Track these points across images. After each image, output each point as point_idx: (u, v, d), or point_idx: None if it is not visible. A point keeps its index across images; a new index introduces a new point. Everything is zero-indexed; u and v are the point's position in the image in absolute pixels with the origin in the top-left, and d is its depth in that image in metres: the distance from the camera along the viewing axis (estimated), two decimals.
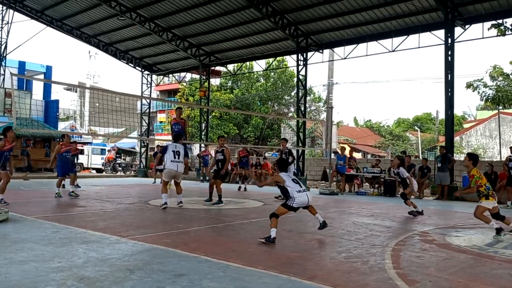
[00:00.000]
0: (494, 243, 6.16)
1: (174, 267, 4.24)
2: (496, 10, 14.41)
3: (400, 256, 5.13)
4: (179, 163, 9.20)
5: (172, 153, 9.20)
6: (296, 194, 5.82)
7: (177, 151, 9.25)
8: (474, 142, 34.85)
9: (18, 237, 5.54)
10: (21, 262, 4.29)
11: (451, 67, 14.50)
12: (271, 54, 21.82)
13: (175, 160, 9.16)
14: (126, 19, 20.25)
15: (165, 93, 44.19)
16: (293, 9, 17.28)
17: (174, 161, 9.16)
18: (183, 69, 26.10)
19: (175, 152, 9.22)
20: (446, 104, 14.60)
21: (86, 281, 3.72)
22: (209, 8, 18.39)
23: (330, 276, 4.17)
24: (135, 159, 32.31)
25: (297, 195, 5.82)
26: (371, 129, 49.43)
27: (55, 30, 23.52)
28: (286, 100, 40.01)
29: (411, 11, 15.65)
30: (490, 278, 4.26)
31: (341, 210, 10.18)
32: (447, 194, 13.70)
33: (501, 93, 18.17)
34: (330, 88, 27.95)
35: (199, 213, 8.74)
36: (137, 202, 10.57)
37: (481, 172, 7.11)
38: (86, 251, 4.87)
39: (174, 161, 9.16)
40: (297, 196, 5.81)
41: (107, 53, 25.15)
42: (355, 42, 18.13)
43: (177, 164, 9.17)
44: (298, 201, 5.82)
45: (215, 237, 6.13)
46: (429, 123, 51.99)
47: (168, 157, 9.22)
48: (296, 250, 5.41)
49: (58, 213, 8.09)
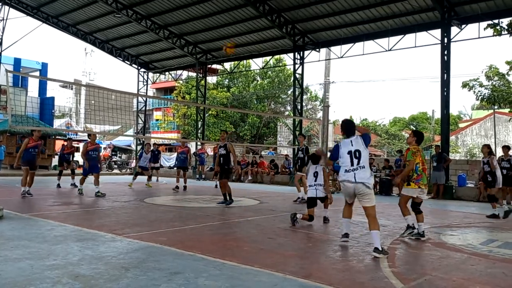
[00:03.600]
0: (488, 242, 6.19)
1: (169, 265, 4.24)
2: (492, 10, 14.45)
3: (395, 254, 5.15)
4: (357, 171, 9.06)
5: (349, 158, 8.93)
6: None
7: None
8: (470, 141, 34.99)
9: (13, 235, 5.52)
10: (16, 259, 4.28)
11: (447, 66, 14.54)
12: (268, 53, 21.82)
13: (351, 169, 8.89)
14: (123, 16, 20.18)
15: (162, 91, 44.09)
16: (290, 8, 17.27)
17: (350, 170, 8.89)
18: (179, 67, 26.04)
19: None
20: (442, 103, 14.65)
21: (81, 279, 3.71)
22: (206, 6, 18.35)
23: (326, 275, 4.17)
24: (131, 157, 32.24)
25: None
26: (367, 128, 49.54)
27: (51, 27, 23.39)
28: (283, 99, 40.02)
29: (407, 11, 15.68)
30: (484, 277, 4.28)
31: (337, 209, 10.18)
32: (443, 193, 13.76)
33: (497, 92, 18.22)
34: (327, 86, 27.92)
35: (195, 211, 8.73)
36: (133, 200, 10.55)
37: (420, 153, 6.29)
38: (81, 249, 4.86)
39: (349, 171, 8.84)
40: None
41: (103, 51, 25.05)
42: (351, 41, 18.17)
43: (354, 173, 9.01)
44: None
45: (211, 235, 6.12)
46: (425, 122, 52.10)
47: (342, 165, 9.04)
48: (292, 248, 5.42)
49: (53, 211, 8.06)
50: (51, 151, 23.47)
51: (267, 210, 9.39)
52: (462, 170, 16.03)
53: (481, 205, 11.83)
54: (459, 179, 14.55)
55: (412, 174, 6.19)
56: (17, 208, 7.93)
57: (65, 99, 51.26)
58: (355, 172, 5.24)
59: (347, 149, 5.33)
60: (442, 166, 13.89)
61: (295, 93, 20.02)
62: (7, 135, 22.36)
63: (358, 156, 5.26)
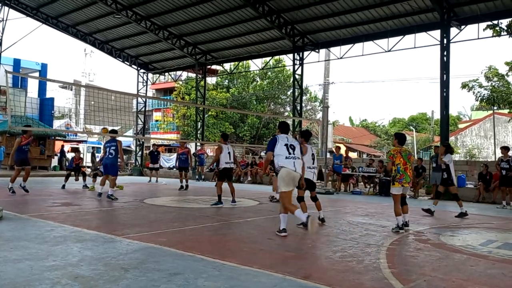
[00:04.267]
0: (488, 243, 6.20)
1: (169, 266, 4.24)
2: (492, 11, 14.48)
3: (395, 255, 5.15)
4: (296, 159, 9.35)
5: (284, 147, 9.28)
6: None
7: (291, 144, 9.29)
8: (469, 142, 35.00)
9: (12, 236, 5.51)
10: (16, 260, 4.27)
11: (447, 67, 14.55)
12: (268, 53, 21.84)
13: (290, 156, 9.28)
14: (122, 17, 20.20)
15: (161, 92, 44.09)
16: (290, 8, 17.29)
17: (289, 157, 9.26)
18: (179, 67, 26.06)
19: (289, 146, 9.22)
20: (441, 104, 14.66)
21: (80, 280, 3.71)
22: (206, 6, 18.36)
23: (325, 275, 4.17)
24: (131, 157, 32.23)
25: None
26: (367, 128, 49.59)
27: (50, 28, 23.42)
28: (282, 99, 40.03)
29: (407, 11, 15.70)
30: (484, 278, 4.28)
31: (337, 210, 10.20)
32: (442, 194, 13.71)
33: (496, 93, 18.20)
34: (326, 87, 28.00)
35: (194, 212, 8.73)
36: (132, 200, 10.55)
37: (401, 153, 6.85)
38: (81, 249, 4.85)
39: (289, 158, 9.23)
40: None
41: (103, 51, 25.07)
42: (351, 41, 18.18)
43: (293, 162, 9.28)
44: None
45: (210, 236, 6.12)
46: (424, 123, 52.17)
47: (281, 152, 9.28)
48: (291, 249, 5.42)
49: (53, 212, 8.05)
50: (51, 152, 23.48)
51: (266, 211, 9.39)
52: (461, 170, 16.03)
53: (480, 206, 11.85)
54: (458, 180, 14.53)
55: (395, 174, 6.75)
56: (17, 209, 7.93)
57: (64, 99, 51.31)
58: (294, 161, 6.44)
59: (284, 142, 6.53)
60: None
61: (294, 93, 20.03)
62: (7, 135, 22.36)
63: (293, 148, 6.52)
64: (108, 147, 10.28)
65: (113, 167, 10.26)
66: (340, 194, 15.20)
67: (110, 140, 10.49)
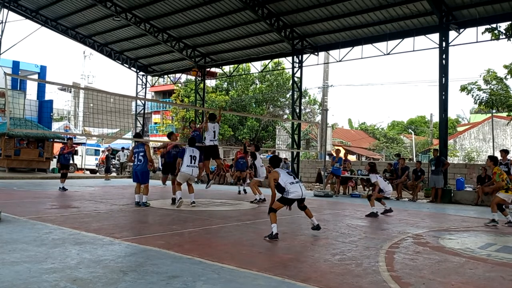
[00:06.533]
0: (487, 246, 6.20)
1: (167, 269, 4.23)
2: (490, 15, 14.52)
3: (394, 258, 5.15)
4: (194, 167, 9.59)
5: (189, 157, 9.50)
6: (289, 186, 6.08)
7: (194, 155, 9.59)
8: (468, 145, 35.03)
9: (10, 238, 5.50)
10: (14, 263, 4.26)
11: (446, 70, 14.58)
12: (267, 56, 21.84)
13: (191, 165, 9.51)
14: (122, 19, 20.19)
15: (160, 94, 44.11)
16: (289, 12, 17.31)
17: (190, 165, 9.50)
18: (178, 70, 26.07)
19: (192, 157, 9.54)
20: (440, 107, 14.68)
21: (79, 283, 3.70)
22: (205, 9, 18.38)
23: (324, 278, 4.17)
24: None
25: (290, 187, 6.08)
26: (366, 131, 49.59)
27: (49, 30, 23.39)
28: (282, 102, 40.07)
29: (406, 15, 15.73)
30: (483, 281, 4.28)
31: (335, 212, 10.20)
32: (441, 197, 13.76)
33: (495, 96, 18.23)
34: (325, 90, 28.03)
35: (193, 215, 8.72)
36: (131, 203, 10.51)
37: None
38: (79, 252, 4.84)
39: (190, 166, 9.50)
40: (291, 188, 6.07)
41: (102, 54, 25.06)
42: (350, 44, 18.21)
43: (192, 169, 9.53)
44: (293, 193, 6.07)
45: (209, 239, 6.11)
46: (423, 126, 52.24)
47: (185, 161, 9.49)
48: (290, 252, 5.41)
49: (51, 214, 8.04)
50: (49, 154, 23.43)
51: (265, 213, 9.35)
52: (460, 174, 16.06)
53: (479, 209, 11.84)
54: (457, 183, 14.56)
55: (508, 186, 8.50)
56: (15, 211, 7.91)
57: (63, 102, 51.36)
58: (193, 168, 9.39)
59: (189, 153, 9.41)
60: (440, 170, 13.89)
61: (293, 96, 20.04)
62: (5, 138, 22.32)
63: (195, 159, 9.44)
64: (136, 153, 9.76)
65: (144, 175, 9.74)
66: (339, 197, 15.19)
67: (138, 145, 9.94)
